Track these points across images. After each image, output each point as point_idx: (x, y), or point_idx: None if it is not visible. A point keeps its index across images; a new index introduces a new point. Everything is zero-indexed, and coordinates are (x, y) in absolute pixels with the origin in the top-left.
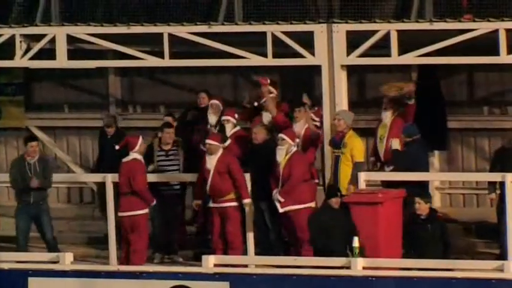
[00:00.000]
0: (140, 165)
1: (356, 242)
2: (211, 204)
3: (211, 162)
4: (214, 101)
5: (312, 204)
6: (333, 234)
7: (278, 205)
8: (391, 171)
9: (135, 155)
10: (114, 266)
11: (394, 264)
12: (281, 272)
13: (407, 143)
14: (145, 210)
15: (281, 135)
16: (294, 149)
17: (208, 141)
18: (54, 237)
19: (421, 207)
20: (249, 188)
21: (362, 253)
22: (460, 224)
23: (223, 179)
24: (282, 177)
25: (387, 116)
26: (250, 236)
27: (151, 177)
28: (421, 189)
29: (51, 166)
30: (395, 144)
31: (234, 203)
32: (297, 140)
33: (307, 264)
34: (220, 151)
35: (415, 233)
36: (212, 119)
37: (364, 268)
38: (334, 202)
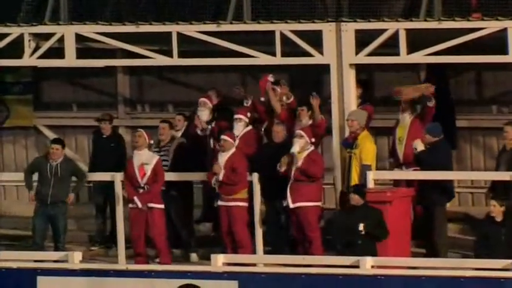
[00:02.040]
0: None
1: (361, 227)
2: (219, 203)
3: (222, 159)
4: (202, 99)
5: (320, 203)
6: (355, 235)
7: (289, 201)
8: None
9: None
10: (122, 264)
11: (402, 263)
12: (290, 271)
13: (435, 143)
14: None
15: (299, 131)
16: (312, 148)
17: (223, 137)
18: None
19: (496, 210)
20: (257, 188)
21: (379, 235)
22: (469, 223)
23: (231, 177)
24: (295, 172)
25: (406, 117)
26: (259, 235)
27: (170, 176)
28: (444, 189)
29: (78, 165)
30: (420, 146)
31: (242, 203)
32: (313, 140)
33: (315, 263)
34: (233, 149)
35: (489, 235)
36: (203, 116)
37: (372, 267)
38: (356, 200)
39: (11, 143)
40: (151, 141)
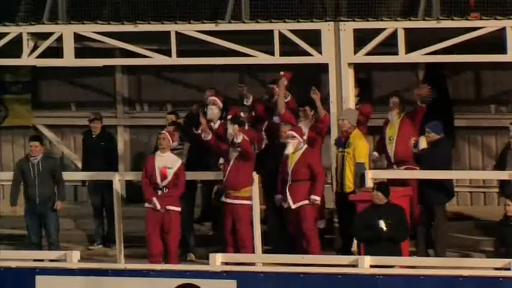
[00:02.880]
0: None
1: (382, 224)
2: (223, 199)
3: (233, 153)
4: (212, 97)
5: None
6: (377, 234)
7: (290, 202)
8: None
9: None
10: (121, 264)
11: (401, 262)
12: (288, 270)
13: (436, 142)
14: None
15: (291, 132)
16: (305, 146)
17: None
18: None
19: (511, 209)
20: (257, 187)
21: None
22: (467, 222)
23: (240, 171)
24: (291, 172)
25: (395, 116)
26: (258, 234)
27: None
28: (444, 188)
29: (59, 164)
30: (423, 143)
31: (246, 201)
32: (304, 137)
33: (314, 262)
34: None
35: (505, 235)
36: (212, 114)
37: (371, 266)
38: (380, 198)
39: (9, 142)
40: (175, 143)
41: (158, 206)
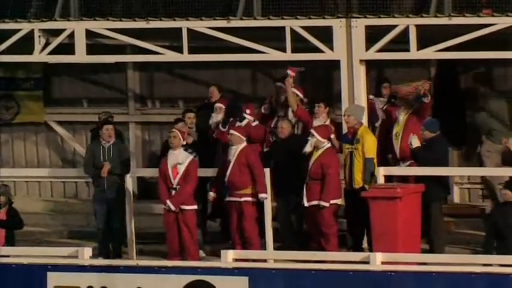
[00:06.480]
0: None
1: None
2: (228, 198)
3: (232, 153)
4: (218, 104)
5: (339, 201)
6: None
7: (304, 199)
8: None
9: None
10: (133, 260)
11: (413, 259)
12: (300, 267)
13: (432, 139)
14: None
15: (311, 130)
16: (327, 145)
17: (231, 131)
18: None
19: None
20: (268, 183)
21: None
22: (478, 219)
23: (242, 172)
24: (310, 170)
25: (401, 113)
26: (269, 231)
27: None
28: (440, 185)
29: (127, 151)
30: (416, 142)
31: (250, 198)
32: (331, 136)
33: (325, 259)
34: (244, 143)
35: None
36: (217, 118)
37: (383, 263)
38: (510, 195)
39: (21, 139)
40: (186, 141)
41: (172, 208)
